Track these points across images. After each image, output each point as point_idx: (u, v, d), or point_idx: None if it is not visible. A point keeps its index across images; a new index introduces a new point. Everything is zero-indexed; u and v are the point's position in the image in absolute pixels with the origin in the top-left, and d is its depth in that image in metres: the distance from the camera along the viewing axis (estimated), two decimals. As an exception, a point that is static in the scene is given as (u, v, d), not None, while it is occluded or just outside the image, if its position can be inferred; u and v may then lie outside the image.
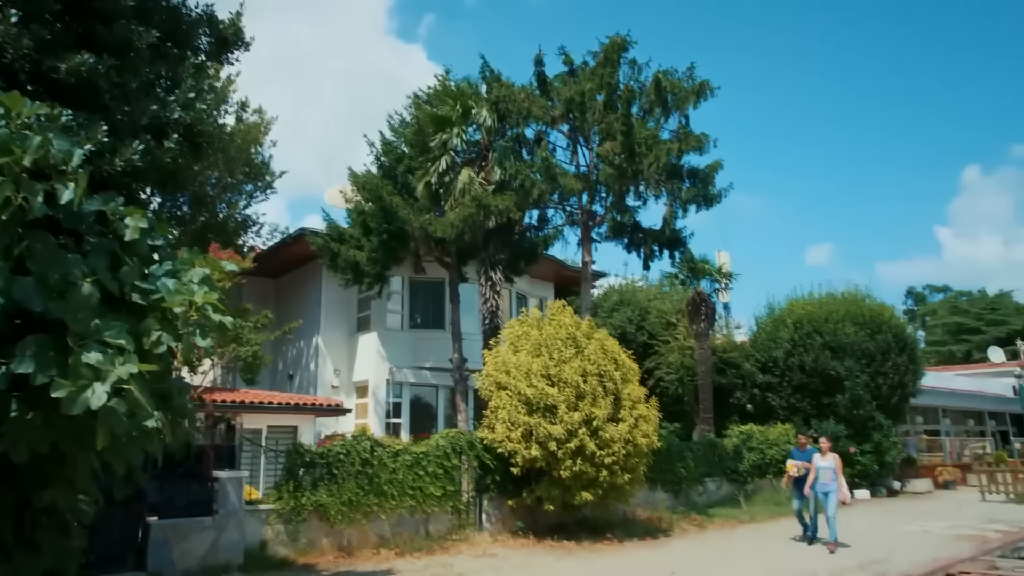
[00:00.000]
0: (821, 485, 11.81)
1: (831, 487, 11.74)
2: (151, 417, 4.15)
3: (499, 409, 12.50)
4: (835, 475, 11.80)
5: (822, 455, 12.00)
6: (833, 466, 11.85)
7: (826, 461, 11.91)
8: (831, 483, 11.74)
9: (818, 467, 11.87)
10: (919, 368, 22.50)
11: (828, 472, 11.80)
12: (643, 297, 25.75)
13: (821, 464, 11.88)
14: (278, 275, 23.35)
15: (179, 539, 9.26)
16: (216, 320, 4.66)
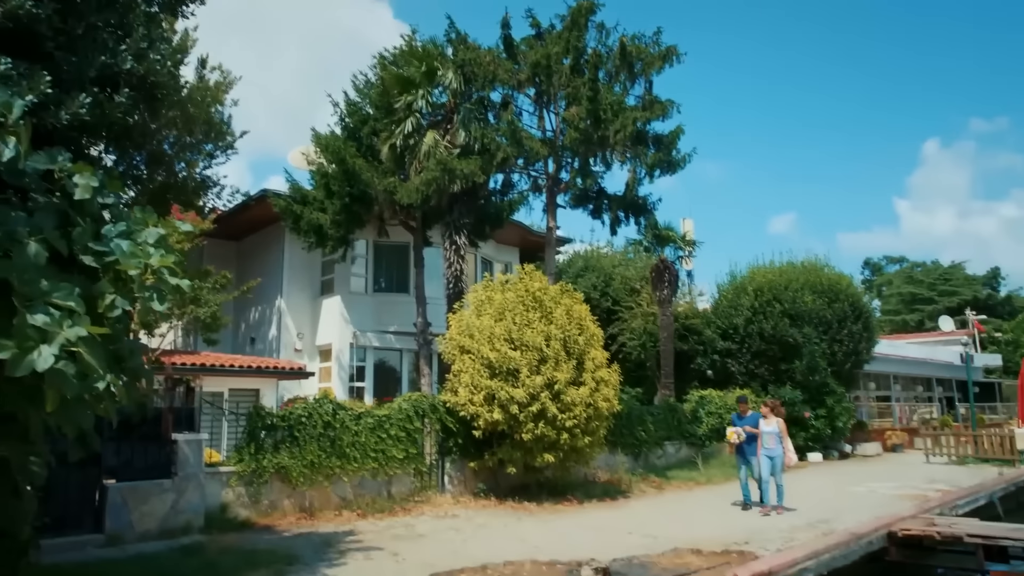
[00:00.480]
0: (766, 450, 11.79)
1: (776, 451, 11.77)
2: (102, 380, 4.09)
3: (462, 373, 12.57)
4: (779, 439, 11.81)
5: (765, 419, 11.97)
6: (777, 430, 11.84)
7: (770, 426, 11.87)
8: (776, 447, 11.76)
9: (763, 432, 11.84)
10: (873, 336, 23.16)
11: (772, 437, 11.79)
12: (608, 263, 25.94)
13: (765, 429, 11.84)
14: (240, 237, 22.94)
15: (138, 501, 9.21)
16: (173, 283, 4.59)
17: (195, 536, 9.27)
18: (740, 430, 12.16)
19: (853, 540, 9.73)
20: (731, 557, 8.59)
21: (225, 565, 7.63)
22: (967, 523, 11.03)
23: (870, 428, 25.38)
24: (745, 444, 12.13)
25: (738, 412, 12.84)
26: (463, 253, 16.58)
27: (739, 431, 12.16)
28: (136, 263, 4.52)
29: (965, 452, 20.49)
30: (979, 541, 10.04)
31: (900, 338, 40.31)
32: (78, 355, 3.89)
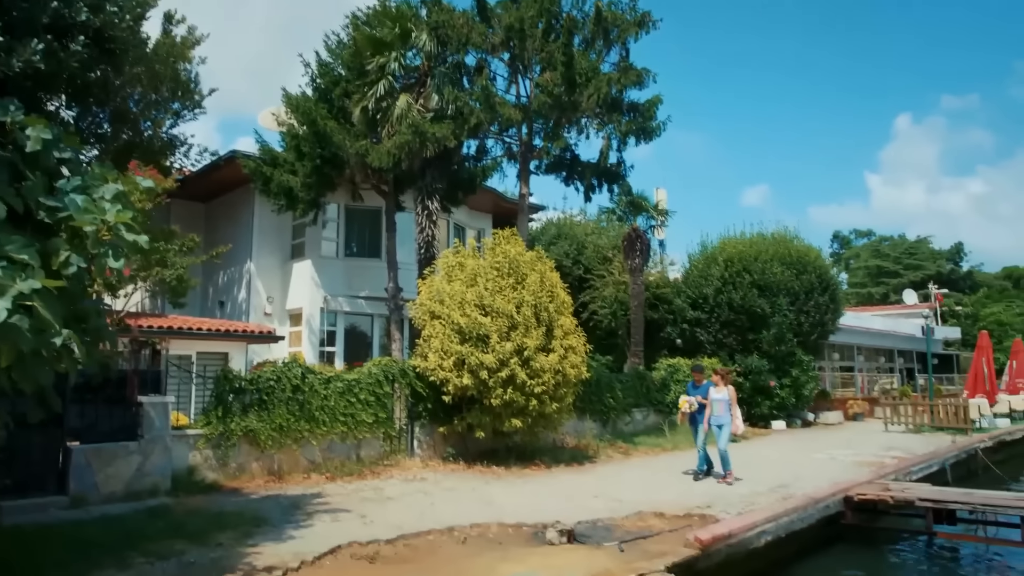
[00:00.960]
0: (715, 418, 11.67)
1: (724, 419, 11.62)
2: (59, 335, 4.02)
3: (432, 338, 12.58)
4: (728, 407, 11.68)
5: (716, 388, 11.81)
6: (727, 398, 11.70)
7: (719, 394, 11.71)
8: (724, 415, 11.61)
9: (712, 400, 11.69)
10: (839, 308, 23.57)
11: (721, 404, 11.65)
12: (580, 231, 26.00)
13: (715, 396, 11.69)
14: (208, 199, 22.53)
15: (103, 464, 9.13)
16: (130, 240, 4.50)
17: (162, 498, 9.25)
18: (692, 399, 11.99)
19: (811, 504, 10.02)
20: (692, 520, 8.81)
21: (192, 527, 7.63)
22: (919, 488, 11.40)
23: (833, 397, 25.99)
24: (697, 413, 12.01)
25: (693, 381, 12.61)
26: (435, 218, 16.47)
27: (691, 400, 12.01)
28: (91, 219, 4.43)
29: (922, 421, 21.12)
30: (929, 505, 10.40)
31: (865, 310, 41.16)
32: (33, 309, 3.82)
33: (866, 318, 32.91)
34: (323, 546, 7.02)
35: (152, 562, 6.35)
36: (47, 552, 6.43)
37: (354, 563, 6.78)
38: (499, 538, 7.94)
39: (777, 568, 9.01)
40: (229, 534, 7.40)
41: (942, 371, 36.66)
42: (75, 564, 6.10)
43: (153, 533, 7.31)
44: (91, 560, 6.23)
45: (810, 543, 9.94)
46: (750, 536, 8.55)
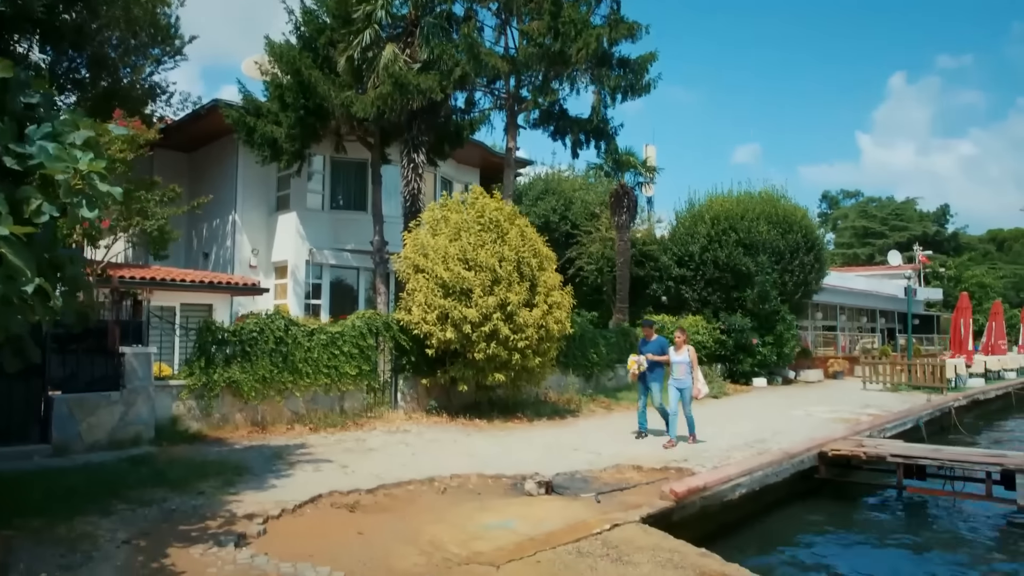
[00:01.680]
0: (675, 380, 11.08)
1: (686, 382, 11.05)
2: (30, 283, 3.99)
3: (416, 292, 12.59)
4: (690, 369, 11.06)
5: (676, 348, 11.16)
6: (688, 360, 11.07)
7: (680, 355, 11.09)
8: (685, 377, 11.03)
9: (673, 361, 11.08)
10: (823, 267, 23.75)
11: (682, 367, 11.03)
12: (568, 187, 25.86)
13: (676, 358, 11.07)
14: (192, 149, 22.16)
15: (85, 413, 9.16)
16: (104, 190, 4.43)
17: (146, 447, 9.32)
18: (642, 358, 11.32)
19: (786, 459, 10.24)
20: (669, 473, 9.00)
21: (174, 475, 7.71)
22: (891, 444, 11.67)
23: (814, 356, 26.38)
24: (648, 371, 11.34)
25: (643, 336, 11.98)
26: (421, 171, 16.31)
27: (641, 360, 11.32)
28: (63, 167, 4.35)
29: (899, 380, 21.52)
30: (900, 460, 10.67)
31: (850, 270, 41.51)
32: (3, 256, 3.78)
33: (850, 278, 33.21)
34: (304, 495, 7.12)
35: (134, 508, 6.43)
36: (28, 498, 6.49)
37: (334, 511, 6.90)
38: (478, 489, 8.09)
39: (751, 519, 9.24)
40: (211, 482, 7.49)
41: (923, 332, 37.22)
42: (57, 510, 6.17)
43: (135, 481, 7.39)
44: (73, 506, 6.30)
45: (785, 496, 10.19)
46: (724, 489, 8.75)
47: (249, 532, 5.93)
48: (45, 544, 5.40)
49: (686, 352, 11.15)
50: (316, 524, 6.46)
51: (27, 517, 5.96)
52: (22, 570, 4.85)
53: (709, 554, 6.05)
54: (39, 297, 4.11)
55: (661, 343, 11.54)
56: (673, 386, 11.18)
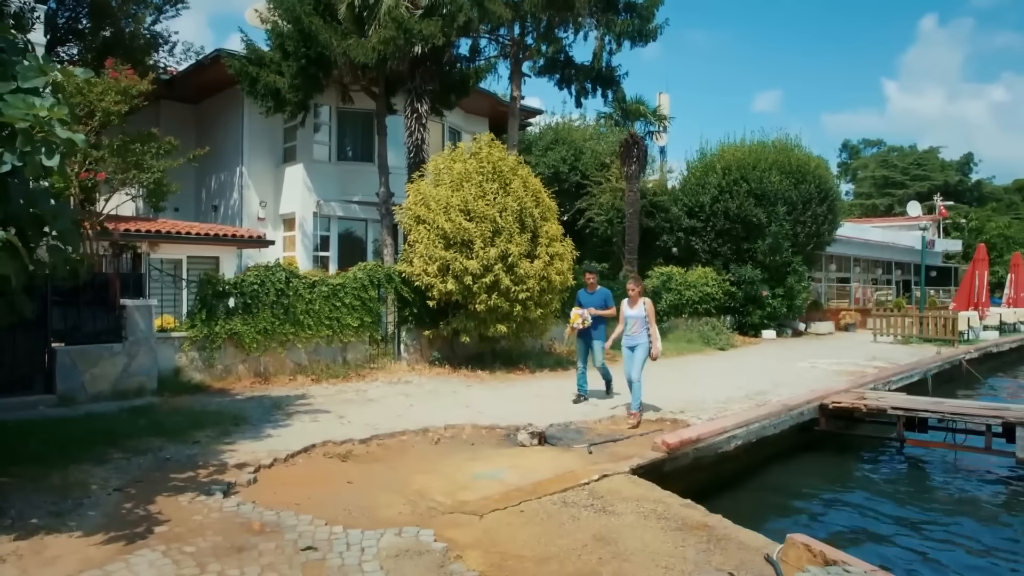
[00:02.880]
0: (628, 338, 9.30)
1: (639, 339, 9.19)
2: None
3: (417, 243, 12.56)
4: (645, 326, 9.21)
5: (631, 302, 9.33)
6: (644, 315, 9.21)
7: (635, 309, 9.24)
8: (640, 334, 9.18)
9: (626, 316, 9.32)
10: (836, 218, 23.37)
11: (637, 322, 9.23)
12: (579, 137, 25.46)
13: (629, 313, 9.26)
14: (198, 100, 22.00)
15: (88, 364, 9.31)
16: (64, 137, 4.38)
17: (148, 398, 9.49)
18: (586, 313, 10.08)
19: (784, 411, 10.23)
20: (665, 424, 9.02)
21: (172, 425, 7.85)
22: (893, 397, 11.62)
23: (825, 308, 26.17)
24: (592, 328, 10.10)
25: (585, 287, 10.60)
26: (424, 121, 16.10)
27: (584, 314, 10.07)
28: (22, 114, 4.29)
29: (911, 332, 21.32)
30: (900, 413, 10.62)
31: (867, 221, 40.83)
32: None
33: (865, 229, 32.69)
34: (298, 445, 7.22)
35: (129, 457, 6.56)
36: (27, 446, 6.64)
37: (326, 461, 7.00)
38: (472, 439, 8.17)
39: (749, 472, 9.28)
40: (208, 432, 7.62)
41: (940, 284, 36.73)
42: (53, 458, 6.31)
43: (133, 430, 7.53)
44: (69, 455, 6.44)
45: (784, 449, 10.21)
46: (719, 440, 8.76)
47: (239, 481, 6.04)
48: (39, 491, 5.53)
49: (642, 306, 9.26)
50: (307, 473, 6.56)
51: (24, 465, 6.11)
52: (13, 516, 4.98)
53: (693, 505, 6.08)
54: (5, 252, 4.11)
55: (604, 295, 10.26)
56: (625, 344, 9.35)
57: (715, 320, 20.03)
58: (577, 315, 10.09)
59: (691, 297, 20.11)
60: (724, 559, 4.89)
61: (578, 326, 10.12)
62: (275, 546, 4.55)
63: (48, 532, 4.72)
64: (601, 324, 10.12)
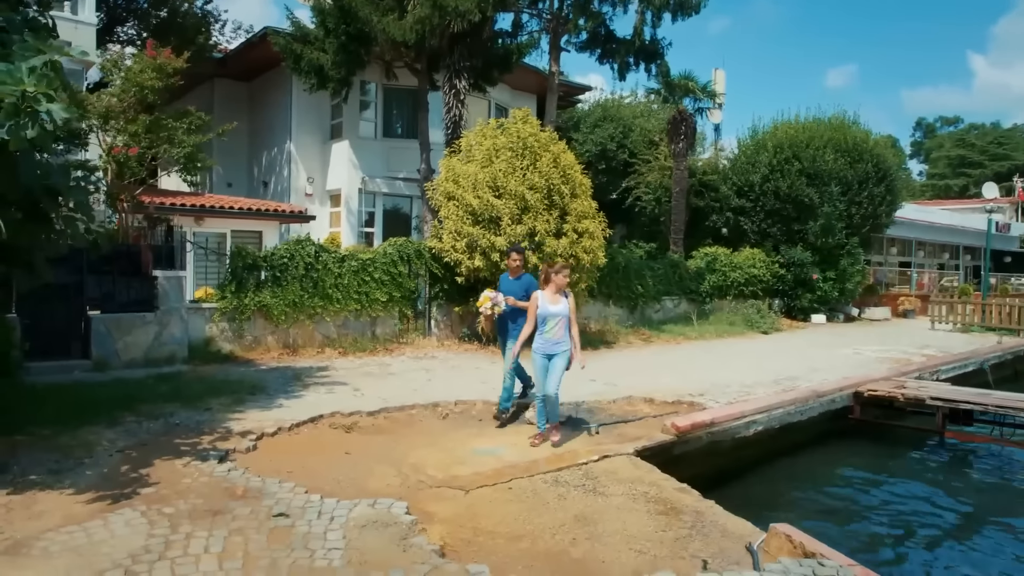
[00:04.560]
0: (546, 342, 6.85)
1: (562, 344, 6.88)
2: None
3: (447, 219, 12.57)
4: (568, 327, 6.92)
5: (551, 296, 6.86)
6: (567, 312, 6.89)
7: (558, 305, 6.86)
8: (563, 339, 6.88)
9: (546, 315, 6.82)
10: (896, 199, 22.28)
11: (560, 323, 6.83)
12: (628, 114, 24.95)
13: (550, 309, 6.82)
14: (250, 78, 22.45)
15: (122, 332, 9.70)
16: (43, 109, 4.50)
17: (178, 366, 9.83)
18: (499, 297, 7.65)
19: (812, 397, 9.88)
20: (680, 407, 8.83)
21: (191, 391, 8.11)
22: (935, 387, 11.08)
23: (881, 293, 25.10)
24: (509, 319, 7.84)
25: (507, 270, 8.30)
26: (463, 98, 16.01)
27: (496, 297, 7.62)
28: (9, 89, 4.42)
29: (972, 320, 20.27)
30: (940, 404, 10.13)
31: (936, 204, 38.87)
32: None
33: (931, 211, 31.13)
34: (306, 415, 7.36)
35: (140, 421, 6.82)
36: (50, 408, 6.96)
37: (330, 431, 7.12)
38: (481, 415, 8.17)
39: (771, 459, 9.01)
40: (223, 400, 7.84)
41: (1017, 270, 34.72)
42: (69, 420, 6.60)
43: (153, 396, 7.81)
44: (85, 417, 6.72)
45: (814, 437, 9.90)
46: (737, 425, 8.53)
47: (239, 448, 6.19)
48: (47, 450, 5.80)
49: (565, 301, 6.91)
50: (308, 443, 6.68)
51: (41, 425, 6.41)
52: (16, 472, 5.23)
53: (688, 490, 5.92)
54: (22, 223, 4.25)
55: (528, 284, 7.89)
56: (540, 352, 6.88)
57: (760, 303, 19.47)
58: (487, 297, 7.52)
59: (736, 279, 19.58)
60: (703, 546, 4.76)
61: (486, 311, 7.59)
62: (250, 511, 4.65)
63: (43, 488, 4.95)
64: (521, 318, 7.56)
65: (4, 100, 4.43)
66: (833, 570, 4.06)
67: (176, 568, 3.77)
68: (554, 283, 6.91)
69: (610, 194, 23.84)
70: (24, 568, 3.75)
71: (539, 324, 6.87)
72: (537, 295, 6.95)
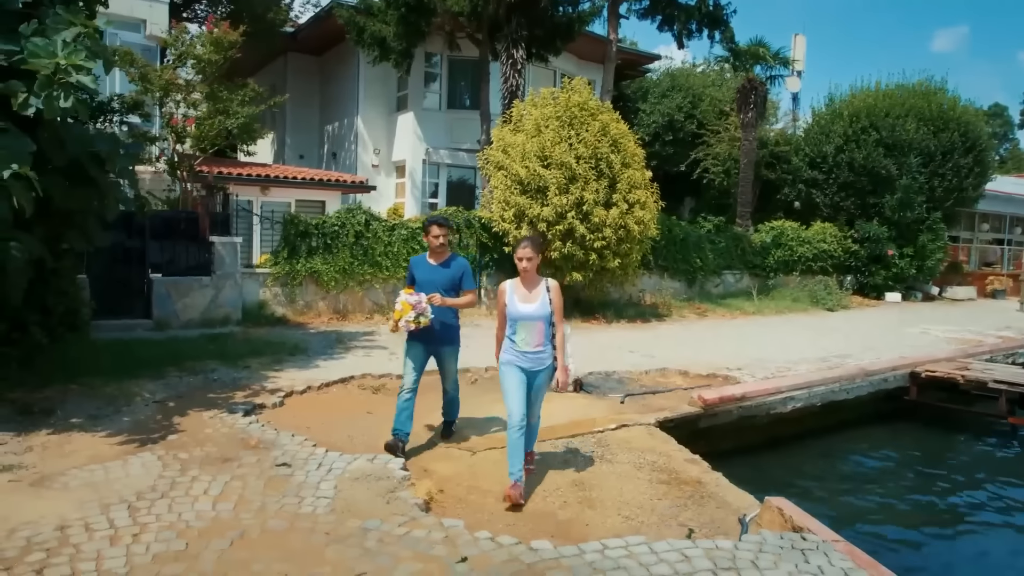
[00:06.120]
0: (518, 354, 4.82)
1: (543, 357, 4.84)
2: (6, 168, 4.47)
3: (496, 189, 12.65)
4: (550, 332, 4.86)
5: (522, 287, 4.86)
6: (548, 312, 4.82)
7: (531, 302, 4.80)
8: (544, 348, 4.83)
9: (515, 315, 4.82)
10: (985, 171, 20.81)
11: (537, 326, 4.79)
12: (698, 83, 24.18)
13: (521, 310, 4.79)
14: (320, 52, 23.03)
15: (180, 295, 10.29)
16: (73, 80, 4.80)
17: (232, 327, 10.36)
18: (423, 302, 5.24)
19: (860, 375, 9.52)
20: (714, 380, 8.68)
21: (237, 349, 8.57)
22: (1004, 369, 10.46)
23: (968, 272, 23.62)
24: (435, 325, 5.40)
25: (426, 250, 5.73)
26: (520, 68, 15.94)
27: (422, 304, 5.23)
28: (44, 63, 4.74)
29: (1065, 301, 18.90)
30: (1004, 388, 9.55)
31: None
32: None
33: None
34: (338, 375, 7.66)
35: (182, 376, 7.27)
36: (104, 360, 7.50)
37: (358, 392, 7.38)
38: (509, 382, 8.26)
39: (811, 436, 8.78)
40: (264, 359, 8.24)
41: None
42: (120, 371, 7.11)
43: (200, 353, 8.29)
44: (133, 371, 7.22)
45: (863, 417, 9.58)
46: (772, 401, 8.33)
47: (267, 404, 6.53)
48: (92, 398, 6.28)
49: (545, 293, 4.83)
50: (333, 402, 6.96)
51: (92, 376, 6.93)
52: (59, 416, 5.71)
53: (698, 461, 5.87)
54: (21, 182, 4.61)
55: (460, 270, 5.64)
56: (514, 364, 4.82)
57: (829, 279, 18.71)
58: (408, 305, 5.23)
59: (804, 254, 18.88)
60: (695, 515, 4.73)
61: (407, 325, 5.30)
62: (256, 460, 4.93)
63: (80, 431, 5.38)
64: (454, 320, 5.74)
65: (39, 72, 4.76)
66: (814, 544, 3.98)
67: (173, 505, 4.07)
68: (521, 268, 4.80)
69: (677, 166, 23.32)
70: (43, 498, 4.12)
71: (508, 328, 4.91)
72: (505, 288, 4.91)
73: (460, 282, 5.63)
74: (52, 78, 4.77)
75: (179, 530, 3.76)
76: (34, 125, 4.99)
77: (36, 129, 5.04)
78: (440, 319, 5.48)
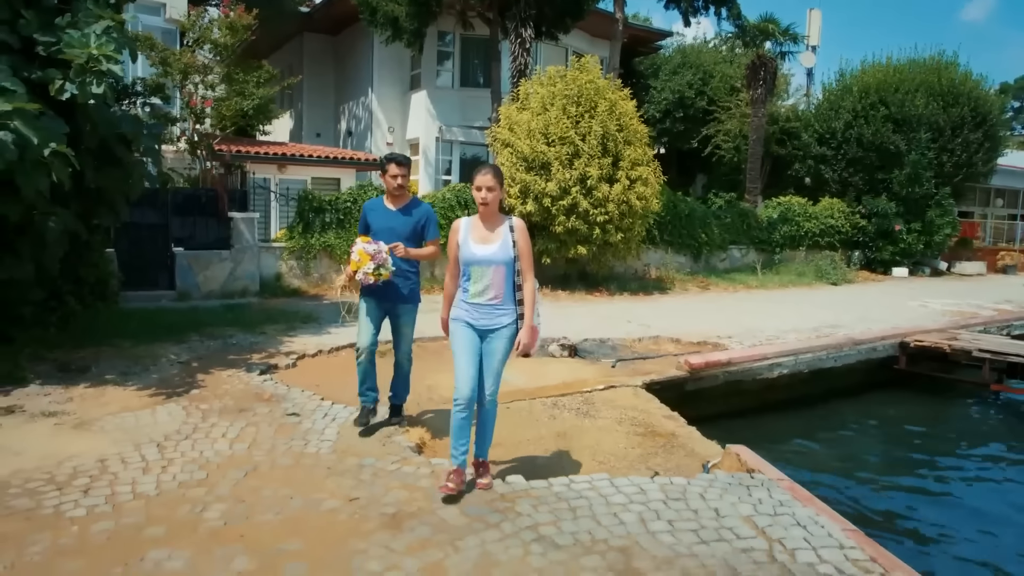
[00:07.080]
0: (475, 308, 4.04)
1: (503, 312, 4.06)
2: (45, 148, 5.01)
3: (503, 166, 13.06)
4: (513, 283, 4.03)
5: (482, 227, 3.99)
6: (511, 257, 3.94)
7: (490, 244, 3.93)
8: (505, 302, 4.04)
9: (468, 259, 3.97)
10: (996, 147, 20.82)
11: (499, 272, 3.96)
12: (709, 59, 24.27)
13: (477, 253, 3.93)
14: (336, 32, 23.43)
15: (201, 267, 10.90)
16: (104, 69, 5.32)
17: (249, 298, 10.96)
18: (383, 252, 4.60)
19: (848, 344, 9.89)
20: (704, 347, 9.13)
21: (254, 318, 9.16)
22: (990, 339, 10.77)
23: (979, 247, 23.68)
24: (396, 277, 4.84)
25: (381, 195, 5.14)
26: (528, 46, 16.28)
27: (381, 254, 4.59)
28: (79, 53, 5.27)
29: (1072, 275, 18.99)
30: (989, 356, 9.89)
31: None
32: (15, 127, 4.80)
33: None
34: (348, 341, 8.18)
35: (203, 340, 7.86)
36: (132, 326, 8.12)
37: (365, 356, 7.92)
38: (508, 348, 8.77)
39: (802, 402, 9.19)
40: (278, 326, 8.82)
41: None
42: (147, 336, 7.72)
43: (219, 321, 8.88)
44: (158, 335, 7.83)
45: (853, 384, 9.99)
46: (758, 367, 8.76)
47: (280, 364, 7.09)
48: (123, 358, 6.89)
49: (508, 234, 3.99)
50: (341, 364, 7.50)
51: (123, 339, 7.55)
52: (95, 373, 6.31)
53: (676, 417, 6.33)
54: (59, 159, 5.15)
55: (424, 216, 5.04)
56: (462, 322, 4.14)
57: (835, 255, 18.96)
58: (366, 255, 4.56)
59: (811, 229, 19.13)
60: (663, 462, 5.22)
61: (364, 277, 4.64)
62: (269, 411, 5.49)
63: (113, 385, 5.98)
64: (414, 274, 5.21)
65: (74, 61, 5.29)
66: (759, 482, 4.46)
67: (195, 445, 4.64)
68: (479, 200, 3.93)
69: (689, 143, 23.53)
70: (83, 438, 4.72)
71: (462, 276, 4.10)
72: (458, 225, 4.06)
73: (423, 231, 4.97)
74: (85, 67, 5.28)
75: (200, 464, 4.33)
76: (68, 109, 5.52)
77: (70, 113, 5.58)
78: (400, 272, 4.84)
